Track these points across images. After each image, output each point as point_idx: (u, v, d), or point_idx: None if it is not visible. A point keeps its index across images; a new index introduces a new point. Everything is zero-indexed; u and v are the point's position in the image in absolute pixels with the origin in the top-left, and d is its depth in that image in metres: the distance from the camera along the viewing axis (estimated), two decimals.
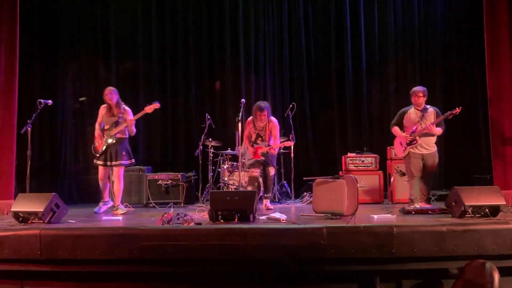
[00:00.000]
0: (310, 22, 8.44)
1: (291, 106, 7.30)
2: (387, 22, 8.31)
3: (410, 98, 5.70)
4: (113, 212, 5.70)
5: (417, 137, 5.53)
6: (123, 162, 5.80)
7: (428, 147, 5.57)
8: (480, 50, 6.72)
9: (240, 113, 5.75)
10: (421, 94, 5.56)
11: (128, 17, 8.39)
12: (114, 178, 5.87)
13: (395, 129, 5.77)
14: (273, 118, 6.16)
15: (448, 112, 5.43)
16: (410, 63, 8.33)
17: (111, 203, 5.90)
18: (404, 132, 5.68)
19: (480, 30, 6.43)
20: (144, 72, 8.37)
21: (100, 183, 5.87)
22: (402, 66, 8.36)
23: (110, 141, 5.77)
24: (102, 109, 5.93)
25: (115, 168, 5.80)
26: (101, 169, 5.83)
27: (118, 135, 5.82)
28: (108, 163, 5.77)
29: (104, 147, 5.78)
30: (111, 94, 5.83)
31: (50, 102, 5.73)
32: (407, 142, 5.61)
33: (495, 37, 6.05)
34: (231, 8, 8.41)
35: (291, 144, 6.45)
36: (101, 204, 5.85)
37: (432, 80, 8.25)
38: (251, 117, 6.14)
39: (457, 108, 5.38)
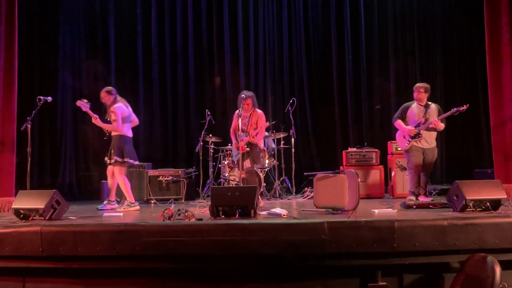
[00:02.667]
0: (309, 17, 8.43)
1: (291, 101, 7.27)
2: (387, 15, 8.32)
3: (413, 94, 5.76)
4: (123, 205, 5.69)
5: (422, 131, 5.60)
6: (115, 159, 5.62)
7: (430, 142, 5.67)
8: (480, 42, 6.71)
9: (240, 109, 5.75)
10: (422, 90, 5.64)
11: (127, 12, 8.38)
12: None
13: (399, 123, 5.80)
14: (258, 110, 5.96)
15: (455, 108, 5.50)
16: (410, 57, 8.32)
17: (116, 204, 5.81)
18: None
19: (480, 22, 6.41)
20: (144, 68, 8.38)
21: (108, 181, 5.80)
22: (403, 60, 8.35)
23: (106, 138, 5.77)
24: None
25: (110, 167, 5.73)
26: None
27: (113, 133, 5.72)
28: (106, 160, 5.73)
29: None
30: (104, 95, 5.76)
31: (49, 99, 5.70)
32: (411, 135, 5.65)
33: (496, 29, 6.02)
34: (230, 4, 8.39)
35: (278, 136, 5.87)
36: (105, 202, 5.81)
37: (433, 74, 8.25)
38: (238, 110, 5.91)
39: (464, 105, 5.48)
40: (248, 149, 5.83)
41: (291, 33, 8.44)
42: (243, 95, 5.89)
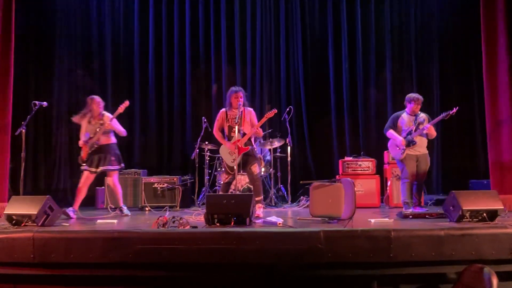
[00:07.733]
0: (307, 26, 8.46)
1: (288, 109, 7.26)
2: (384, 26, 8.36)
3: (407, 103, 5.74)
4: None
5: (415, 138, 5.58)
6: (113, 167, 5.75)
7: (422, 149, 5.66)
8: (477, 53, 6.74)
9: (237, 117, 5.63)
10: (420, 103, 5.65)
11: (123, 19, 8.38)
12: (109, 183, 5.83)
13: (391, 132, 5.77)
14: (249, 107, 5.68)
15: (444, 113, 5.50)
16: (406, 67, 8.35)
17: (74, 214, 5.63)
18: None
19: (477, 30, 6.43)
20: (140, 73, 8.35)
21: (83, 189, 5.71)
22: (399, 70, 8.37)
23: (94, 148, 5.71)
24: (85, 120, 5.78)
25: (108, 173, 5.77)
26: (88, 175, 5.68)
27: (103, 141, 5.73)
28: (96, 169, 5.70)
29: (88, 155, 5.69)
30: (102, 103, 5.82)
31: (45, 104, 5.68)
32: (405, 144, 5.61)
33: (492, 39, 6.06)
34: (228, 12, 8.41)
35: (272, 114, 5.54)
36: (71, 209, 5.62)
37: (429, 84, 8.26)
38: (223, 109, 5.73)
39: (454, 108, 5.45)
40: (249, 147, 5.51)
41: (288, 41, 8.45)
42: (234, 88, 5.62)
